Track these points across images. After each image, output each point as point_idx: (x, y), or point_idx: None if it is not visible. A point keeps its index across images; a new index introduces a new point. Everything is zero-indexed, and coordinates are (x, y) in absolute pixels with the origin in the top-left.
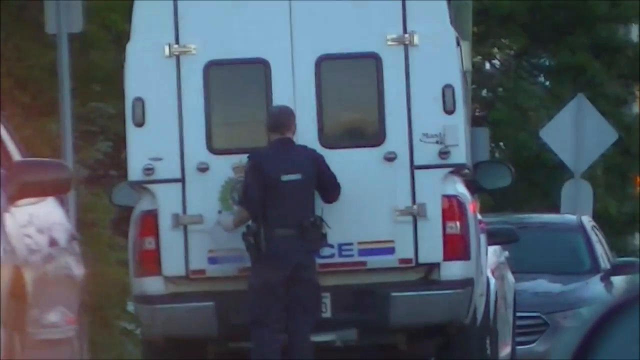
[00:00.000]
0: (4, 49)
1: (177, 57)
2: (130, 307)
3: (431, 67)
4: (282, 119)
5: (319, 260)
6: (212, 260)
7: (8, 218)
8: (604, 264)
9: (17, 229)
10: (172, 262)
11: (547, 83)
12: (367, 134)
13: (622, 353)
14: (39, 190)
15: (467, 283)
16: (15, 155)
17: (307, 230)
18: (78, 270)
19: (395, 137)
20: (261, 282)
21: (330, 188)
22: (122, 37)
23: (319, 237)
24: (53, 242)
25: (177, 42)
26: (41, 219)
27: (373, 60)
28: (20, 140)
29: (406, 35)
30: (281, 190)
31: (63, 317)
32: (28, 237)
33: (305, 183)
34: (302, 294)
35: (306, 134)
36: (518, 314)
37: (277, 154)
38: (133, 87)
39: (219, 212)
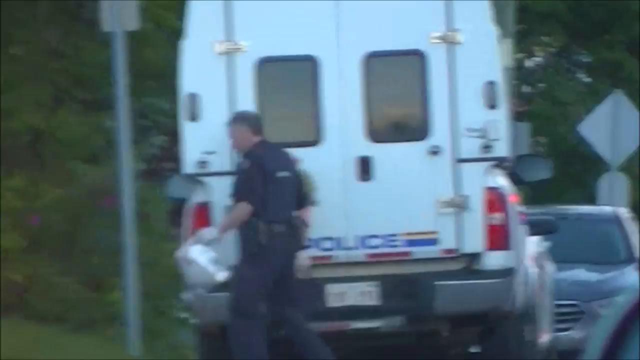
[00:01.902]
0: (62, 47)
1: (229, 55)
2: (184, 296)
3: (474, 64)
4: (262, 123)
5: (366, 251)
6: None
7: None
8: (639, 253)
9: None
10: (225, 253)
11: (586, 79)
12: (411, 128)
13: None
14: None
15: (508, 272)
16: None
17: (296, 226)
18: None
19: (439, 131)
20: (257, 275)
21: (302, 189)
22: (175, 35)
23: (304, 234)
24: None
25: (229, 39)
26: None
27: (417, 57)
28: (79, 135)
29: (450, 33)
30: (276, 186)
31: None
32: None
33: (292, 180)
34: (294, 286)
35: (353, 128)
36: (556, 302)
37: (269, 152)
38: (187, 83)
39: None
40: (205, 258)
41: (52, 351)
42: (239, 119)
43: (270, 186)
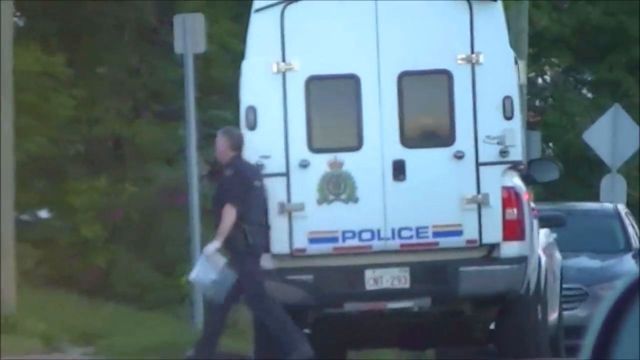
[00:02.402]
0: (141, 66)
1: (283, 73)
2: None
3: (493, 82)
4: (242, 140)
5: (400, 241)
6: (312, 241)
7: None
8: (635, 244)
9: None
10: (279, 243)
11: (589, 95)
12: (439, 136)
13: None
14: None
15: (522, 260)
16: None
17: (265, 226)
18: None
19: (463, 139)
20: (254, 268)
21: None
22: (237, 57)
23: (268, 232)
24: None
25: (283, 60)
26: None
27: (445, 76)
28: (154, 141)
29: (473, 55)
30: (254, 193)
31: None
32: None
33: (263, 189)
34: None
35: (389, 136)
36: (564, 286)
37: (245, 165)
38: (247, 97)
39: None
40: (207, 280)
41: (129, 327)
42: (223, 134)
43: (250, 193)
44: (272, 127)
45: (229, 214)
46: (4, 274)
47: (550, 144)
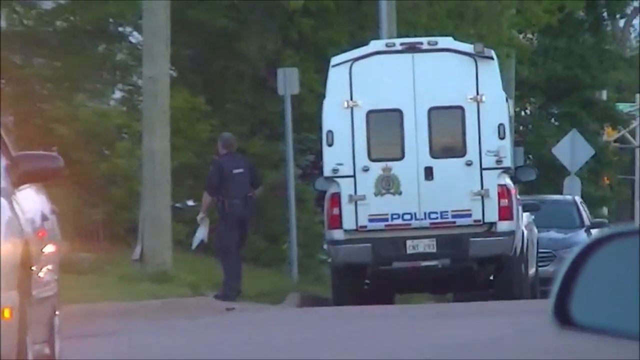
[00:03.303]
0: (255, 101)
1: (351, 108)
2: (324, 246)
3: (492, 114)
4: (232, 141)
5: (430, 221)
6: (370, 220)
7: (14, 201)
8: (587, 222)
9: (20, 208)
10: (348, 222)
11: (556, 123)
12: (456, 150)
13: (594, 271)
14: (36, 177)
15: (511, 233)
16: (12, 149)
17: (247, 200)
18: (57, 236)
19: (472, 152)
20: (226, 228)
21: (255, 178)
22: (320, 97)
23: (253, 205)
24: (44, 217)
25: (351, 99)
26: (32, 198)
27: (460, 110)
28: (265, 153)
29: (478, 96)
30: (234, 178)
31: (51, 277)
32: (27, 213)
33: (245, 174)
34: (245, 234)
35: (422, 151)
36: (539, 250)
37: (230, 159)
38: (327, 124)
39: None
40: (200, 234)
41: (249, 278)
42: (219, 138)
43: (230, 178)
44: (344, 144)
45: (205, 198)
46: (164, 244)
47: (530, 156)
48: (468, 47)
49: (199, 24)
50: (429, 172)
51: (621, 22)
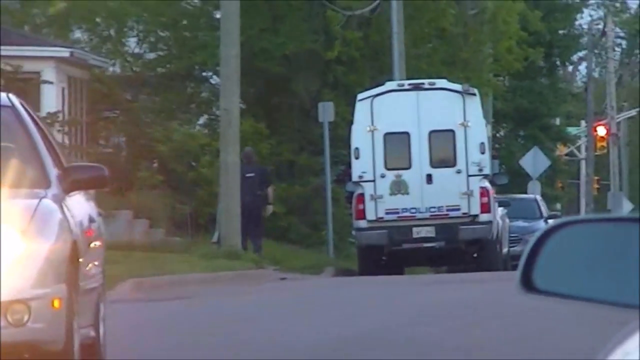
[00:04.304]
0: (302, 130)
1: (372, 132)
2: (352, 232)
3: (475, 135)
4: (248, 154)
5: (429, 213)
6: (387, 213)
7: (64, 205)
8: (545, 214)
9: (70, 212)
10: (370, 214)
11: (522, 142)
12: (448, 162)
13: (551, 250)
14: (84, 185)
15: (490, 222)
16: (64, 161)
17: (255, 196)
18: (103, 235)
19: (460, 163)
20: (242, 216)
21: (264, 181)
22: (349, 123)
23: (262, 201)
24: (91, 219)
25: (372, 124)
26: (81, 203)
27: (452, 133)
28: (310, 164)
29: (465, 122)
30: (246, 180)
31: (96, 271)
32: (76, 216)
33: (254, 178)
34: (257, 221)
35: (424, 162)
36: (510, 235)
37: (245, 166)
38: (354, 143)
39: (371, 195)
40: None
41: (296, 256)
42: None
43: (244, 180)
44: (367, 158)
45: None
46: (235, 231)
47: (503, 166)
48: (458, 87)
49: (260, 70)
50: (429, 178)
51: (570, 68)
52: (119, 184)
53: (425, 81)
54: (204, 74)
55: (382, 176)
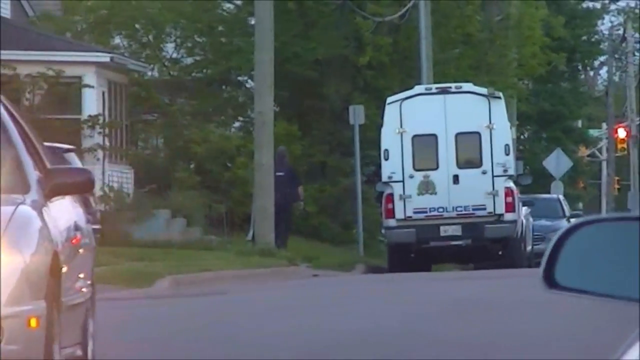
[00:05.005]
0: (334, 132)
1: (401, 133)
2: (382, 231)
3: (500, 137)
4: (280, 153)
5: (456, 212)
6: (415, 212)
7: (45, 212)
8: (567, 214)
9: (52, 219)
10: (399, 213)
11: (545, 144)
12: (474, 163)
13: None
14: (67, 190)
15: (514, 221)
16: (47, 163)
17: (285, 194)
18: (92, 244)
19: (486, 164)
20: (275, 207)
21: (294, 179)
22: (379, 125)
23: (292, 198)
24: (77, 227)
25: (401, 126)
26: (65, 209)
27: (478, 135)
28: (341, 165)
29: (490, 124)
30: (277, 179)
31: (84, 284)
32: (59, 224)
33: (284, 176)
34: (286, 218)
35: (451, 163)
36: (533, 234)
37: (277, 165)
38: (384, 144)
39: (400, 195)
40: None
41: (328, 253)
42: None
43: (276, 179)
44: (396, 159)
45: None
46: (269, 229)
47: (527, 167)
48: (483, 90)
49: (293, 74)
50: (456, 178)
51: (591, 72)
52: (158, 184)
53: (452, 85)
54: (239, 78)
55: (411, 177)
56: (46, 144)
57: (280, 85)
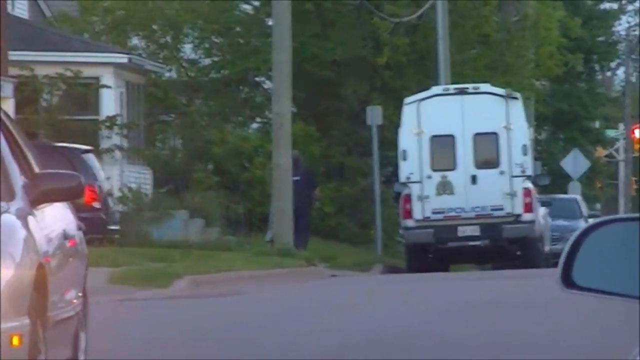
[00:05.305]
0: (351, 134)
1: (419, 134)
2: (400, 231)
3: (518, 138)
4: (296, 157)
5: (474, 213)
6: (433, 213)
7: (31, 220)
8: (585, 214)
9: (38, 228)
10: (417, 213)
11: (562, 144)
12: (492, 163)
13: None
14: (55, 196)
15: (532, 222)
16: (35, 167)
17: (302, 198)
18: (83, 253)
19: (504, 164)
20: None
21: (310, 183)
22: (397, 126)
23: (309, 200)
24: (66, 235)
25: (418, 127)
26: (54, 216)
27: (495, 135)
28: (358, 165)
29: (508, 124)
30: (293, 183)
31: (74, 296)
32: (47, 233)
33: (301, 181)
34: (302, 219)
35: (468, 163)
36: (551, 234)
37: (293, 170)
38: (402, 145)
39: (424, 194)
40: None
41: (346, 254)
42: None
43: (294, 182)
44: (414, 159)
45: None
46: (287, 230)
47: (545, 167)
48: (501, 91)
49: (311, 75)
50: (474, 179)
51: (608, 73)
52: (176, 185)
53: (470, 85)
54: (257, 79)
55: (429, 177)
56: (64, 144)
57: (298, 86)
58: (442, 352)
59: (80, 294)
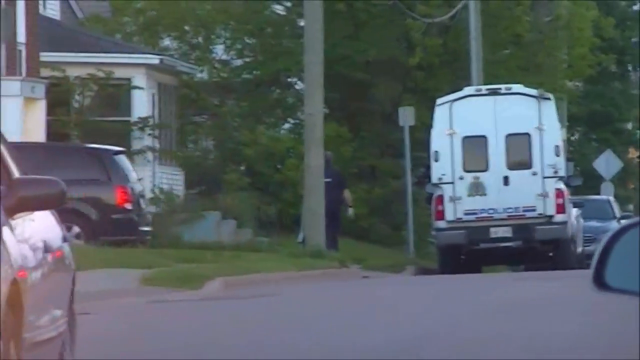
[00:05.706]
0: (386, 135)
1: (451, 135)
2: (432, 232)
3: (550, 138)
4: (327, 158)
5: (507, 214)
6: (465, 214)
7: (5, 231)
8: (617, 215)
9: (14, 240)
10: (449, 215)
11: (595, 144)
12: (525, 164)
13: (623, 249)
14: (35, 204)
15: (565, 223)
16: (15, 173)
17: (333, 200)
18: (70, 267)
19: (536, 165)
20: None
21: (340, 184)
22: (428, 127)
23: (339, 202)
24: (48, 247)
25: (451, 128)
26: (35, 226)
27: (527, 136)
28: (389, 166)
29: (540, 125)
30: (325, 185)
31: (57, 315)
32: (24, 245)
33: (333, 182)
34: (334, 220)
35: (501, 164)
36: (584, 235)
37: (324, 171)
38: (434, 146)
39: (450, 197)
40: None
41: (377, 255)
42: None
43: (325, 184)
44: (446, 160)
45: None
46: (319, 231)
47: (577, 168)
48: (533, 92)
49: (343, 76)
50: (506, 180)
51: None
52: (208, 186)
53: (502, 86)
54: (289, 79)
55: (461, 178)
56: (96, 146)
57: (330, 87)
58: (474, 352)
59: (64, 313)
